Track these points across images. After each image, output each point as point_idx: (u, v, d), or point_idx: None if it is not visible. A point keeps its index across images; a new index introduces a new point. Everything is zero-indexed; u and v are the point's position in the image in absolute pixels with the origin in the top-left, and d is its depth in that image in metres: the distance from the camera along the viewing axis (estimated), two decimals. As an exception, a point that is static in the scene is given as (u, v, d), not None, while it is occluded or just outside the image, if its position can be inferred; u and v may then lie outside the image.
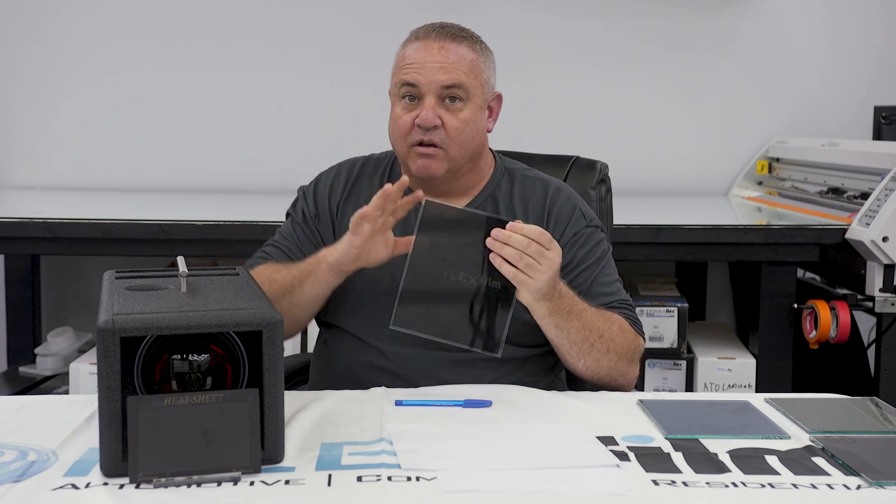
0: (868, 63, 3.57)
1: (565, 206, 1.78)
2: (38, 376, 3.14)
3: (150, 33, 3.46)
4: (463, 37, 1.73)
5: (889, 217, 2.49)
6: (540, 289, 1.52)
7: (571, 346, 1.63)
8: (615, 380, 1.69)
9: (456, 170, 1.73)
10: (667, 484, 1.20)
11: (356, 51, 3.48)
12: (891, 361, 2.64)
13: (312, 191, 1.84)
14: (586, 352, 1.63)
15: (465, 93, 1.70)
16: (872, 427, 1.43)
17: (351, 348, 1.74)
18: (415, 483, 1.18)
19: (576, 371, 1.68)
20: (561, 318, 1.59)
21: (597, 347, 1.63)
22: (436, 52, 1.70)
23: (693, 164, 3.57)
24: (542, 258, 1.49)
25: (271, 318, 1.24)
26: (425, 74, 1.68)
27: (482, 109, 1.74)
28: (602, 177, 1.99)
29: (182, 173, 3.50)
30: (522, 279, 1.50)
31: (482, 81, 1.74)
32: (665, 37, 3.53)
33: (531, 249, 1.49)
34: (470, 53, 1.72)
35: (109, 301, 1.30)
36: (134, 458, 1.17)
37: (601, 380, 1.68)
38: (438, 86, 1.68)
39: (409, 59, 1.71)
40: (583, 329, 1.62)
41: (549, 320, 1.60)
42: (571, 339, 1.62)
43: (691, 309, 3.04)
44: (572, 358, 1.65)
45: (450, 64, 1.69)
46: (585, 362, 1.65)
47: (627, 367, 1.69)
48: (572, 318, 1.61)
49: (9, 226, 2.66)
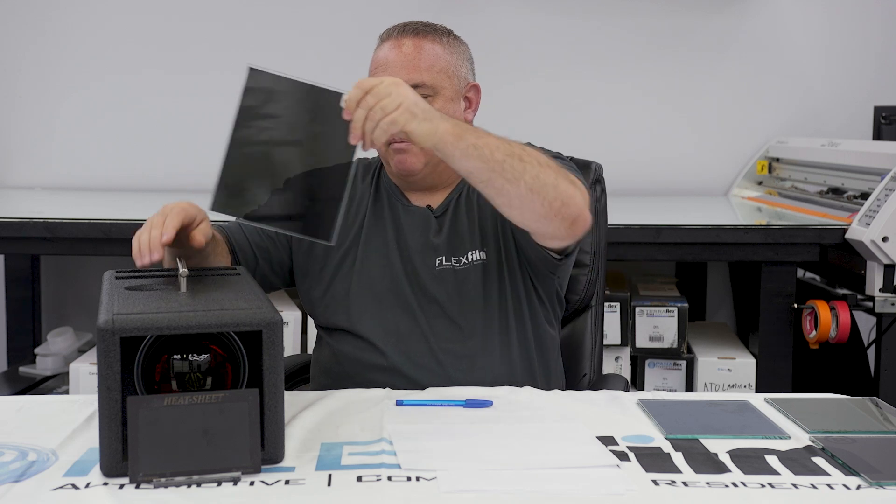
0: (868, 63, 3.57)
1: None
2: (38, 376, 3.13)
3: (150, 33, 3.46)
4: (426, 31, 1.75)
5: (889, 217, 2.49)
6: (415, 114, 1.41)
7: (503, 168, 1.46)
8: (566, 204, 1.51)
9: (435, 163, 1.72)
10: (667, 484, 1.20)
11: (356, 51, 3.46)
12: (891, 361, 2.64)
13: None
14: (518, 170, 1.47)
15: (432, 88, 1.70)
16: (872, 427, 1.43)
17: (351, 348, 1.74)
18: (415, 483, 1.18)
19: (521, 205, 1.51)
20: (473, 135, 1.46)
21: (527, 161, 1.48)
22: (400, 50, 1.72)
23: (693, 164, 3.57)
24: (386, 95, 1.40)
25: (271, 319, 1.24)
26: (390, 74, 1.66)
27: (454, 101, 1.74)
28: (597, 177, 1.99)
29: (182, 173, 3.50)
30: (395, 120, 1.39)
31: (450, 73, 1.74)
32: (665, 37, 3.53)
33: (370, 101, 1.40)
34: (435, 47, 1.73)
35: (109, 301, 1.30)
36: (134, 458, 1.17)
37: (552, 204, 1.51)
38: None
39: (378, 62, 1.75)
40: (502, 144, 1.47)
41: (461, 143, 1.44)
42: (496, 158, 1.45)
43: (691, 309, 3.04)
44: (509, 183, 1.47)
45: (412, 62, 1.71)
46: (526, 182, 1.47)
47: (571, 188, 1.52)
48: (480, 134, 1.47)
49: (9, 226, 2.66)
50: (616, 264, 3.10)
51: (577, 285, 1.91)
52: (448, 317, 1.72)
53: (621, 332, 2.86)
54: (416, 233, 1.75)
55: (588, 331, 1.96)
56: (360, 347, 1.73)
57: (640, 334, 2.88)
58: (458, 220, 1.75)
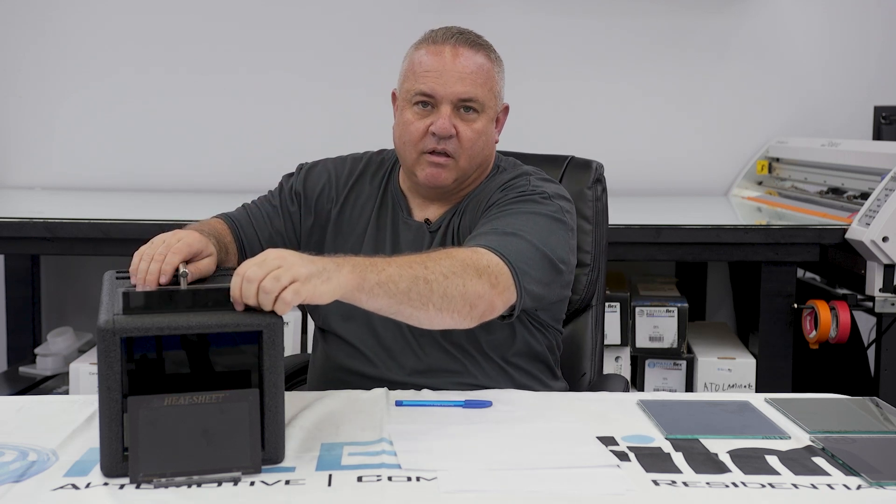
0: (868, 63, 3.57)
1: (516, 180, 1.70)
2: (38, 376, 3.14)
3: (150, 33, 3.46)
4: (480, 45, 1.70)
5: (889, 217, 2.49)
6: (310, 277, 1.28)
7: (409, 297, 1.39)
8: (474, 306, 1.45)
9: (462, 179, 1.71)
10: (667, 484, 1.20)
11: (356, 51, 3.49)
12: (891, 361, 2.64)
13: (307, 171, 1.83)
14: (425, 294, 1.40)
15: (480, 105, 1.67)
16: (872, 427, 1.43)
17: (344, 355, 1.73)
18: (415, 483, 1.18)
19: (431, 323, 1.45)
20: (374, 274, 1.36)
21: (433, 281, 1.40)
22: (453, 60, 1.66)
23: (693, 164, 3.57)
24: (275, 268, 1.26)
25: (271, 318, 1.24)
26: (443, 84, 1.65)
27: (492, 121, 1.72)
28: (598, 176, 1.98)
29: (182, 173, 3.50)
30: (297, 290, 1.26)
31: (495, 93, 1.71)
32: (665, 37, 3.53)
33: (257, 272, 1.26)
34: (486, 63, 1.69)
35: (110, 301, 1.30)
36: (134, 459, 1.17)
37: (460, 313, 1.44)
38: (456, 97, 1.65)
39: (426, 66, 1.66)
40: (405, 270, 1.39)
41: (365, 286, 1.35)
42: (401, 289, 1.38)
43: (691, 309, 3.04)
44: (417, 310, 1.41)
45: (468, 75, 1.66)
46: (434, 304, 1.41)
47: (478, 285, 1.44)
48: (381, 267, 1.38)
49: (9, 226, 2.66)
50: (616, 264, 3.10)
51: (577, 285, 1.91)
52: (431, 335, 1.67)
53: (621, 332, 2.86)
54: (411, 248, 1.72)
55: (588, 331, 1.96)
56: (353, 355, 1.72)
57: (640, 334, 2.88)
58: (446, 241, 1.72)
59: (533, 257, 1.55)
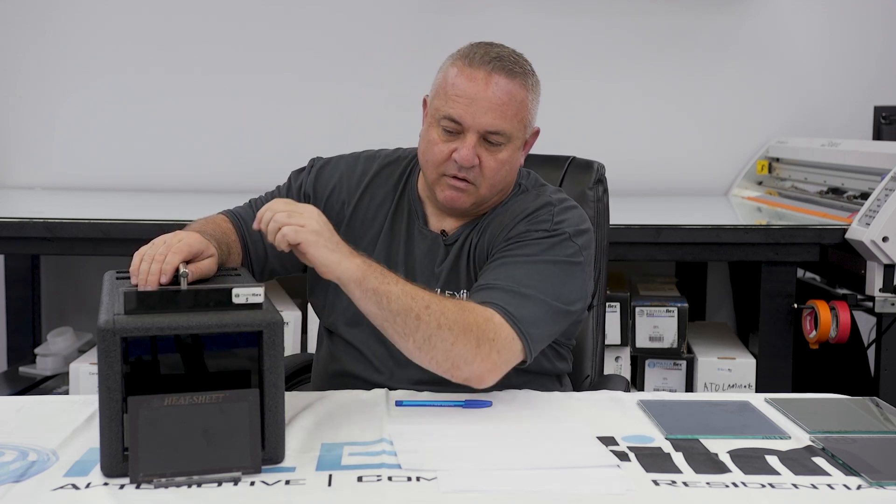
0: (868, 63, 3.57)
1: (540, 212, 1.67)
2: (38, 376, 3.13)
3: (150, 33, 3.46)
4: (517, 72, 1.65)
5: (889, 217, 2.49)
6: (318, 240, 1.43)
7: (394, 321, 1.45)
8: (457, 367, 1.46)
9: (481, 203, 1.69)
10: (667, 484, 1.20)
11: (357, 50, 3.48)
12: (891, 361, 2.64)
13: (318, 170, 1.80)
14: (411, 327, 1.44)
15: (507, 137, 1.63)
16: (872, 427, 1.43)
17: (350, 360, 1.72)
18: (415, 483, 1.18)
19: (411, 356, 1.49)
20: (377, 280, 1.44)
21: (424, 321, 1.44)
22: (486, 88, 1.61)
23: (693, 164, 3.57)
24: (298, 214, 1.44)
25: (271, 318, 1.24)
26: (472, 115, 1.60)
27: (519, 149, 1.68)
28: (599, 177, 1.98)
29: (182, 173, 3.50)
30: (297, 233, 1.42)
31: (526, 123, 1.67)
32: (665, 37, 3.53)
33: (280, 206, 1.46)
34: (521, 92, 1.65)
35: (110, 301, 1.31)
36: (134, 458, 1.17)
37: (440, 366, 1.47)
38: (483, 128, 1.61)
39: (458, 90, 1.61)
40: (404, 297, 1.44)
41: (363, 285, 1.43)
42: (391, 309, 1.44)
43: (691, 309, 3.04)
44: (398, 336, 1.46)
45: (498, 106, 1.61)
46: (415, 341, 1.45)
47: (472, 352, 1.45)
48: (387, 280, 1.45)
49: (9, 226, 2.66)
50: (616, 264, 3.10)
51: (577, 285, 1.91)
52: None
53: (621, 332, 2.86)
54: (425, 259, 1.71)
55: (589, 331, 1.96)
56: (357, 360, 1.71)
57: (640, 334, 2.88)
58: (461, 256, 1.70)
59: (545, 318, 1.55)
